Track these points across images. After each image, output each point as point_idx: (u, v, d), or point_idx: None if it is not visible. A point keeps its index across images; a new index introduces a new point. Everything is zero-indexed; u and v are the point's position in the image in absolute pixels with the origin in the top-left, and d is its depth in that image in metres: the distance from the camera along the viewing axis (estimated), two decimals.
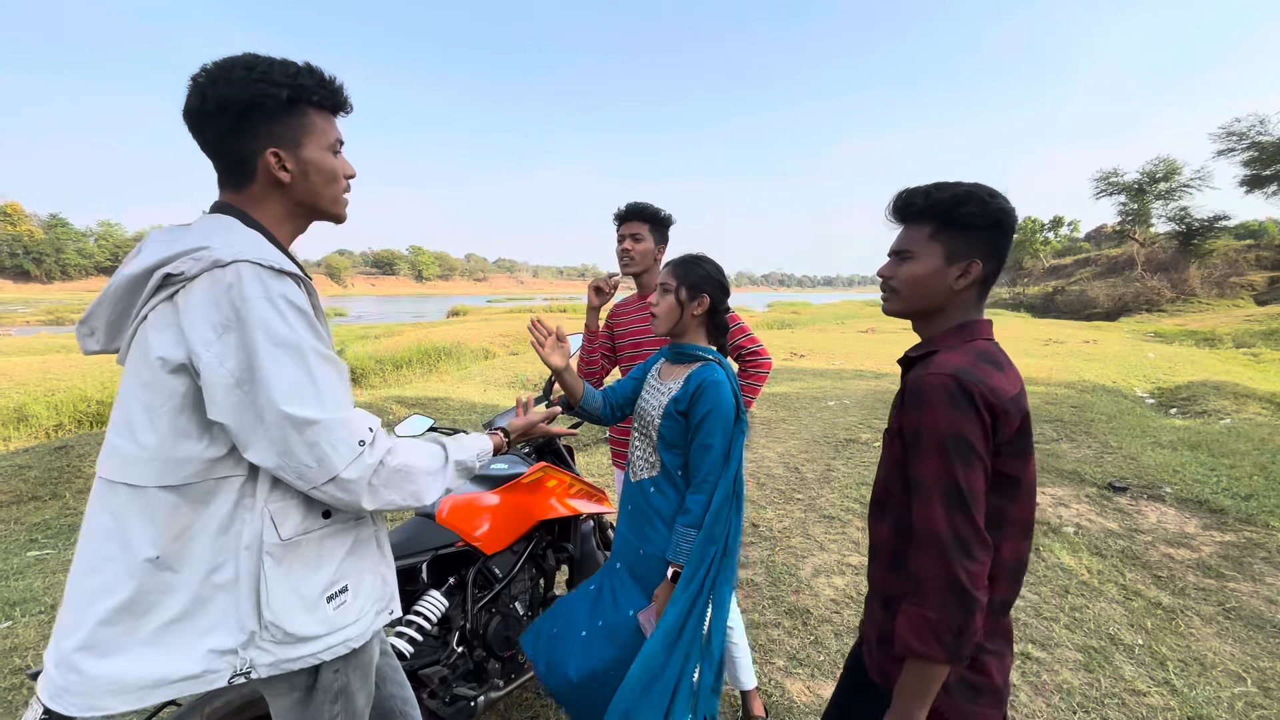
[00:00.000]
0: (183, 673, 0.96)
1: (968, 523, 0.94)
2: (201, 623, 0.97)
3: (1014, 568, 1.04)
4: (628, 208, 2.28)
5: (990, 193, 1.07)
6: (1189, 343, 17.55)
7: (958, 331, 1.09)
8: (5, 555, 3.88)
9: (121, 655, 0.93)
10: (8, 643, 2.67)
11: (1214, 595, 3.10)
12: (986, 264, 1.07)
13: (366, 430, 1.01)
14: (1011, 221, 1.07)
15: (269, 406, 0.91)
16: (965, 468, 0.95)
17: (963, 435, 0.95)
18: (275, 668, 1.02)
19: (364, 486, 1.00)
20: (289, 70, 1.02)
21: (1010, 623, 1.10)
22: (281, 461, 0.94)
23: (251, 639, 0.99)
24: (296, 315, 0.96)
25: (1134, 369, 11.16)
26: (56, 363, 11.04)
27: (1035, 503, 1.07)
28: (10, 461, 5.23)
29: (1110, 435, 5.98)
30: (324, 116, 1.09)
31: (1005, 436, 0.97)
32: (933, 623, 0.94)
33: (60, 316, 37.70)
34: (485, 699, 1.92)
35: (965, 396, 0.96)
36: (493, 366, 11.95)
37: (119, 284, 0.96)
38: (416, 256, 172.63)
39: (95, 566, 0.94)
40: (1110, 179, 38.73)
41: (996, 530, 1.00)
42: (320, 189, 1.10)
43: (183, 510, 0.95)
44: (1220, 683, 2.43)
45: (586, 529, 2.37)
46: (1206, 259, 32.92)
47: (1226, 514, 4.04)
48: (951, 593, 0.93)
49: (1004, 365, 1.04)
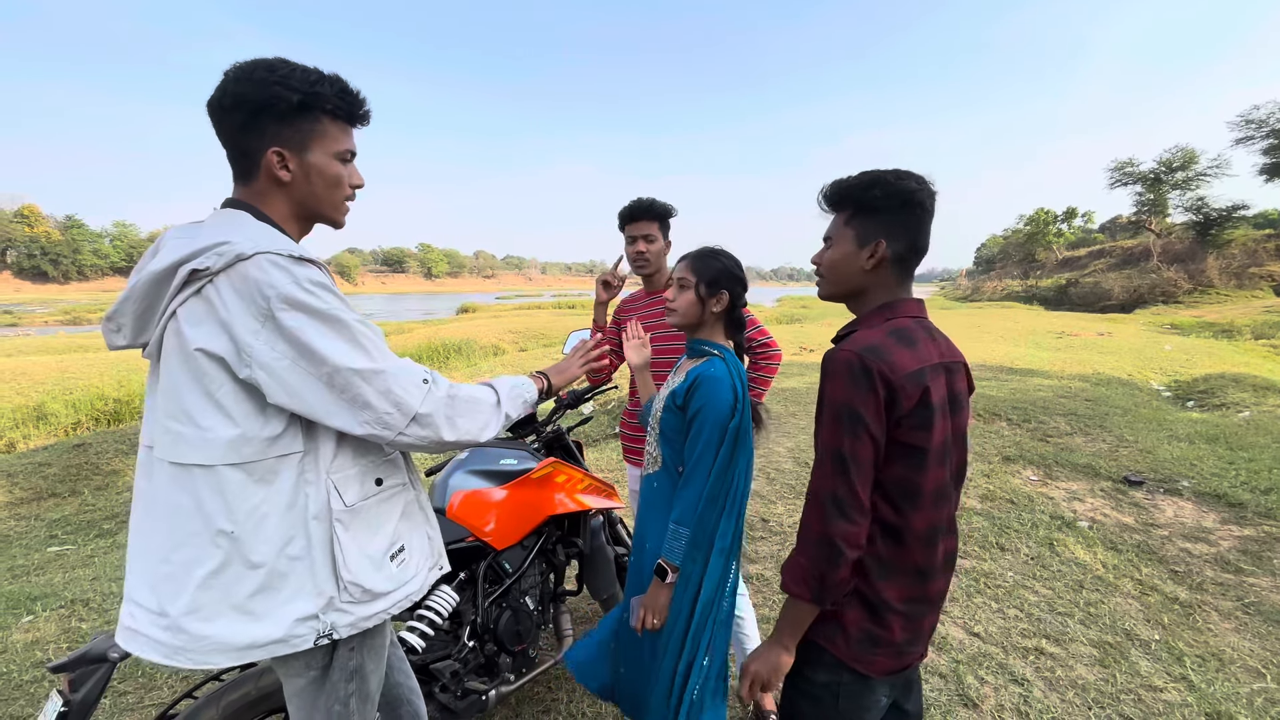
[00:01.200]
0: (270, 637, 1.03)
1: (847, 487, 1.05)
2: (283, 592, 1.03)
3: (928, 534, 1.12)
4: (635, 207, 2.22)
5: (898, 175, 1.13)
6: (1206, 334, 17.28)
7: (879, 311, 1.16)
8: (26, 551, 3.95)
9: (221, 619, 1.01)
10: (29, 636, 2.73)
11: (1233, 590, 3.05)
12: (895, 243, 1.13)
13: (424, 371, 1.11)
14: (917, 199, 1.12)
15: (336, 372, 0.99)
16: (853, 439, 1.04)
17: (854, 408, 1.04)
18: (354, 627, 1.10)
19: (442, 419, 1.10)
20: (309, 77, 1.06)
21: (936, 589, 1.17)
22: (364, 417, 1.03)
23: (330, 603, 1.07)
24: (326, 292, 1.02)
25: (1150, 361, 11.00)
26: (74, 362, 11.21)
27: (951, 471, 1.15)
28: (30, 459, 5.33)
29: (1125, 429, 5.90)
30: (338, 126, 1.12)
31: (903, 409, 1.05)
32: (803, 567, 1.09)
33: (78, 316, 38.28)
34: (497, 693, 1.93)
35: (864, 373, 1.04)
36: (502, 363, 12.00)
37: (143, 281, 0.99)
38: (426, 254, 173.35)
39: (183, 542, 1.01)
40: (1125, 169, 38.15)
41: (908, 500, 1.09)
42: (320, 193, 1.13)
43: (250, 488, 1.01)
44: (1239, 678, 2.40)
45: (596, 524, 2.37)
46: (1225, 249, 32.33)
47: (1245, 508, 3.98)
48: (821, 545, 1.06)
49: (917, 341, 1.10)
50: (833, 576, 1.06)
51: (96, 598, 3.07)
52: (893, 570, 1.12)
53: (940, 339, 1.17)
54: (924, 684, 2.32)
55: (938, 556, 1.15)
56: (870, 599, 1.12)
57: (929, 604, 1.17)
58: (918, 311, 1.17)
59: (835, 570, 1.06)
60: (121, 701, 2.29)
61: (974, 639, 2.62)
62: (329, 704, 1.17)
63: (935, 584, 1.17)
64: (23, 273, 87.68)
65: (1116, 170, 38.59)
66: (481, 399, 1.20)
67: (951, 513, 1.19)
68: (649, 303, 2.36)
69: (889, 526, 1.10)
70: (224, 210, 1.09)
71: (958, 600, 2.92)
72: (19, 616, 2.90)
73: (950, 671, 2.39)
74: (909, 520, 1.10)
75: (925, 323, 1.17)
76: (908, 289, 1.19)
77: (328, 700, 1.17)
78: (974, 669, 2.41)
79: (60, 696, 1.25)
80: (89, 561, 3.67)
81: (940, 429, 1.09)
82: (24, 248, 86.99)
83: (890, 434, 1.07)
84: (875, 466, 1.07)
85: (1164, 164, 35.92)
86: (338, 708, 1.18)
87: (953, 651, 2.52)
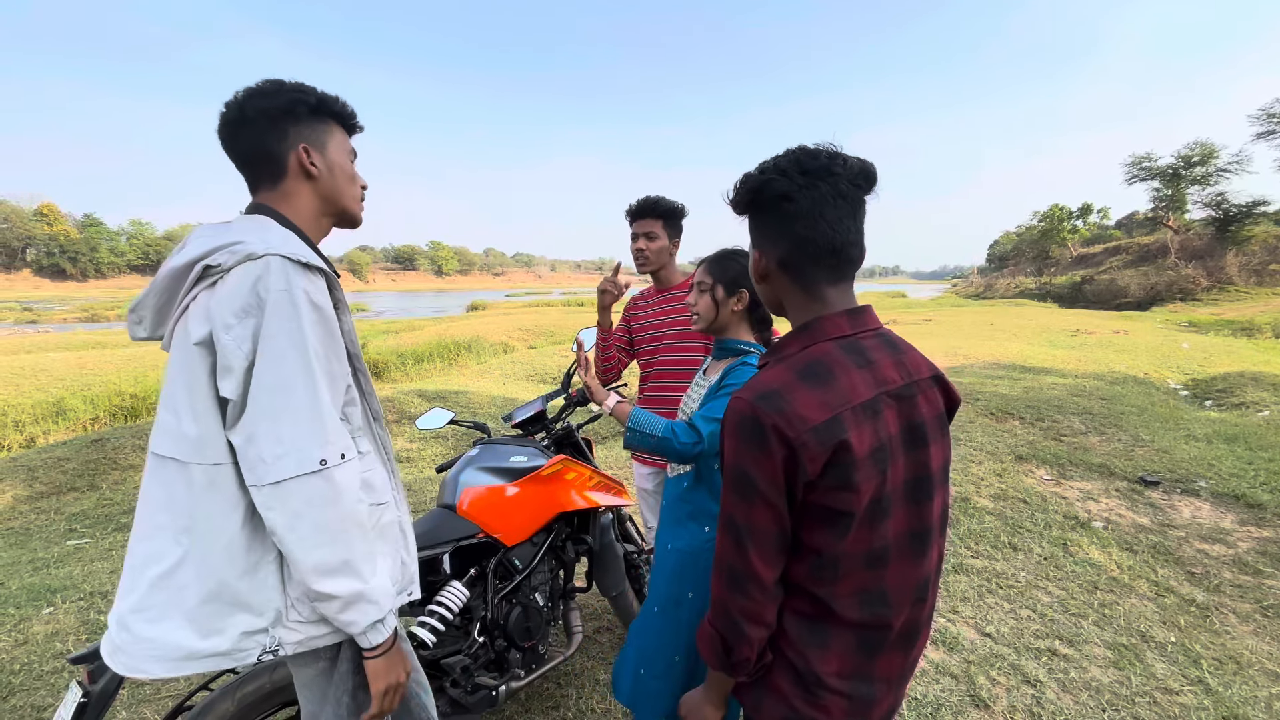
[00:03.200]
0: (215, 649, 1.01)
1: (742, 560, 0.89)
2: (232, 602, 1.02)
3: (859, 597, 0.91)
4: (639, 204, 2.24)
5: (761, 168, 0.95)
6: (1225, 332, 16.98)
7: (798, 336, 0.96)
8: (46, 544, 4.02)
9: (166, 622, 0.99)
10: (49, 627, 2.78)
11: (1251, 592, 3.00)
12: (770, 250, 0.96)
13: (337, 454, 1.00)
14: (771, 194, 0.93)
15: (254, 392, 0.97)
16: (746, 506, 0.88)
17: (745, 472, 0.87)
18: (302, 645, 1.07)
19: (286, 511, 0.97)
20: (312, 89, 1.15)
21: (888, 668, 0.96)
22: (243, 448, 0.97)
23: (279, 618, 1.04)
24: (311, 313, 1.01)
25: (1167, 360, 10.84)
26: (93, 358, 11.39)
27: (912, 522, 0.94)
28: (49, 454, 5.42)
29: (1141, 428, 5.82)
30: (341, 130, 1.21)
31: (810, 473, 0.84)
32: (710, 636, 0.96)
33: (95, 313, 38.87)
34: (506, 688, 1.95)
35: (756, 431, 0.85)
36: (512, 360, 12.04)
37: (164, 275, 1.03)
38: (436, 252, 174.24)
39: (147, 534, 1.01)
40: (1143, 163, 37.54)
41: (829, 569, 0.89)
42: (344, 187, 1.21)
43: (217, 490, 1.00)
44: (1257, 682, 2.36)
45: (605, 521, 2.38)
46: (1245, 246, 31.72)
47: (1265, 509, 3.91)
48: (725, 617, 0.93)
49: (835, 377, 0.88)
50: (739, 652, 0.92)
51: (114, 591, 3.12)
52: (823, 636, 0.92)
53: (885, 357, 0.94)
54: (935, 684, 2.31)
55: (885, 626, 0.93)
56: (800, 670, 0.92)
57: (880, 684, 0.95)
58: (847, 328, 0.94)
59: (740, 644, 0.92)
60: (139, 693, 2.33)
61: (985, 639, 2.60)
62: (338, 694, 1.18)
63: (883, 659, 0.95)
64: (42, 270, 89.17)
65: (1134, 165, 37.97)
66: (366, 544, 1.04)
67: (917, 576, 0.95)
68: (658, 300, 2.36)
69: (813, 598, 0.92)
70: (248, 215, 1.13)
71: (969, 600, 2.90)
72: (39, 608, 2.96)
73: (961, 672, 2.37)
74: (836, 590, 0.91)
75: (858, 341, 0.93)
76: (827, 300, 0.95)
77: (336, 690, 1.18)
78: (986, 669, 2.39)
79: (80, 687, 1.27)
80: (107, 555, 3.73)
81: (870, 485, 0.87)
82: (43, 246, 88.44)
83: (804, 497, 0.87)
84: (784, 534, 0.89)
85: (1183, 159, 35.29)
86: (346, 699, 1.19)
87: (964, 651, 2.50)
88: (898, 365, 0.95)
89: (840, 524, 0.88)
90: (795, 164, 0.92)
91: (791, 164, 0.92)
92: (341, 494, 1.00)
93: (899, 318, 23.24)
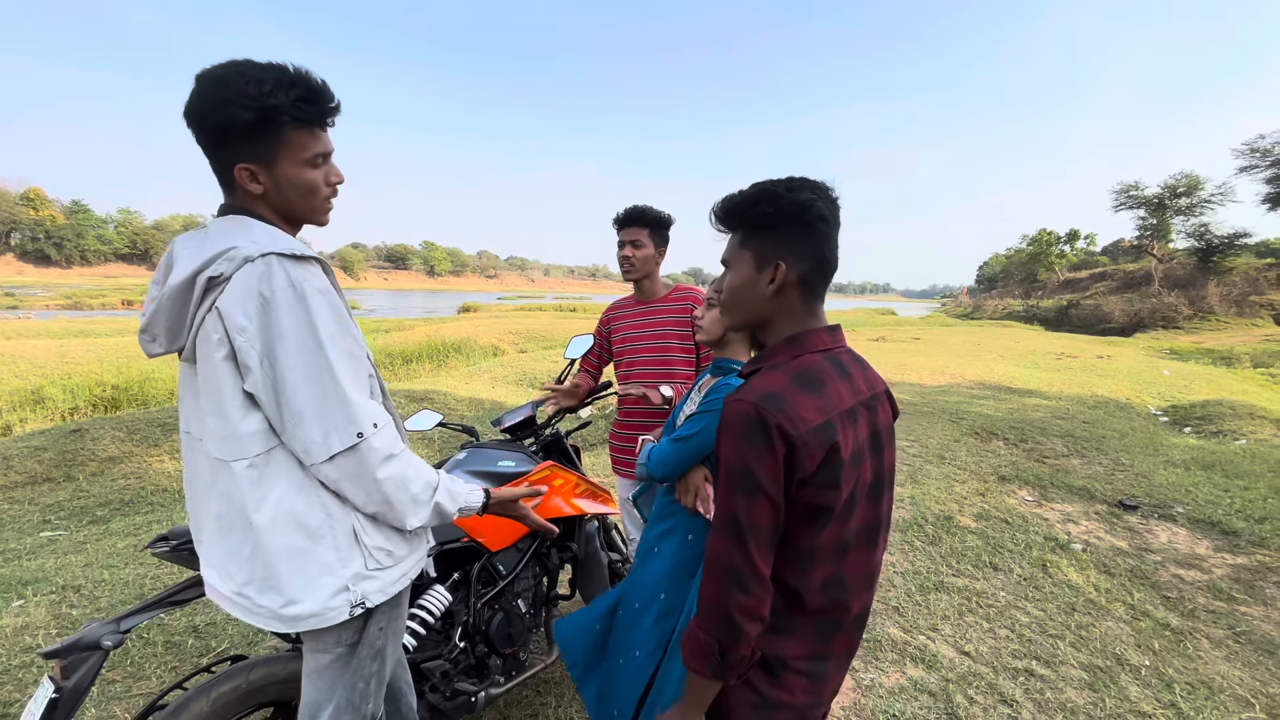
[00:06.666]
0: (309, 610, 1.10)
1: (744, 557, 0.93)
2: (312, 570, 1.09)
3: (824, 585, 1.01)
4: (626, 213, 2.27)
5: (788, 185, 1.00)
6: (1205, 361, 17.31)
7: (786, 346, 1.03)
8: (19, 535, 3.94)
9: (271, 593, 1.10)
10: (19, 621, 2.72)
11: (1224, 618, 3.05)
12: (796, 264, 1.00)
13: (370, 424, 1.07)
14: (813, 212, 0.98)
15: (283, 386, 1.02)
16: (748, 502, 0.92)
17: (749, 470, 0.91)
18: (383, 593, 1.15)
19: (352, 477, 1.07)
20: (263, 88, 1.01)
21: (841, 645, 1.07)
22: (291, 435, 1.05)
23: (359, 573, 1.12)
24: (319, 299, 1.04)
25: (1148, 385, 11.02)
26: (75, 347, 11.21)
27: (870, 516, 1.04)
28: (26, 443, 5.32)
29: (1122, 452, 5.91)
30: (304, 132, 1.08)
31: (806, 471, 0.91)
32: (702, 643, 0.96)
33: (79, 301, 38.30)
34: (486, 695, 1.93)
35: (761, 429, 0.90)
36: (501, 364, 11.99)
37: (167, 295, 1.04)
38: (429, 252, 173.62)
39: (227, 530, 1.10)
40: (1130, 192, 38.34)
41: (805, 560, 0.98)
42: (294, 200, 1.13)
43: (266, 479, 1.07)
44: (1228, 707, 2.39)
45: (591, 529, 2.38)
46: (1226, 276, 32.47)
47: (1239, 536, 3.98)
48: (721, 620, 0.94)
49: (825, 384, 0.97)
50: (734, 653, 0.95)
51: (88, 584, 3.07)
52: (789, 625, 1.02)
53: (856, 370, 1.04)
54: (913, 701, 2.32)
55: (848, 613, 1.05)
56: (767, 656, 1.01)
57: (832, 661, 1.07)
58: (829, 343, 1.04)
59: (736, 646, 0.95)
60: (110, 690, 2.28)
61: (964, 658, 2.62)
62: (353, 680, 1.21)
63: (839, 639, 1.06)
64: (26, 255, 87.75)
65: (1121, 193, 38.80)
66: (415, 480, 1.14)
67: (868, 566, 1.06)
68: (636, 311, 2.38)
69: (785, 588, 0.99)
70: (226, 216, 1.11)
71: (949, 618, 2.92)
72: (9, 601, 2.89)
73: (940, 690, 2.39)
74: (807, 580, 0.99)
75: (837, 355, 1.04)
76: (817, 315, 1.06)
77: (352, 676, 1.20)
78: (963, 688, 2.41)
79: (52, 683, 1.25)
80: (81, 548, 3.66)
81: (849, 484, 0.97)
82: (28, 231, 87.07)
83: (792, 494, 0.94)
84: (777, 530, 0.95)
85: (1168, 189, 36.11)
86: (361, 685, 1.21)
87: (943, 670, 2.52)
88: (865, 379, 1.06)
89: (820, 520, 0.96)
90: (822, 191, 1.00)
91: (820, 190, 1.00)
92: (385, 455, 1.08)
93: (888, 334, 23.45)
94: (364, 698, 1.23)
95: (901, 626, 2.83)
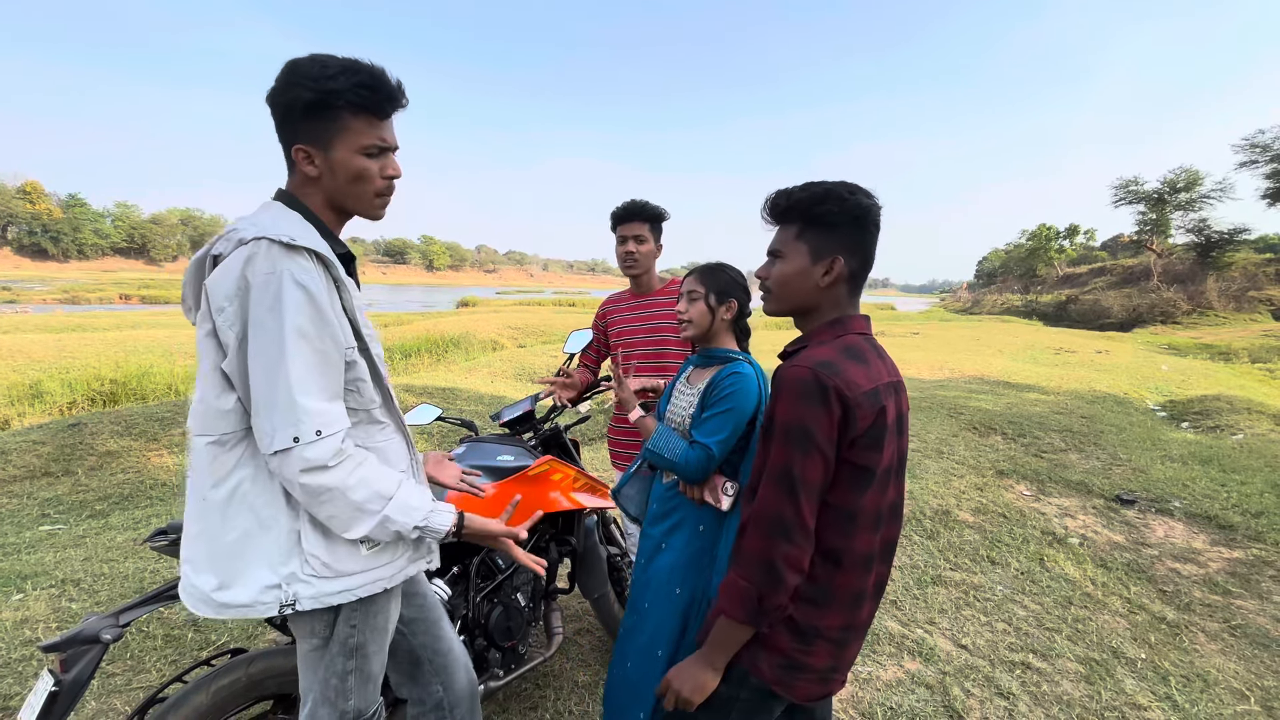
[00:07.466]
0: (239, 600, 1.08)
1: (794, 509, 1.01)
2: (252, 559, 1.08)
3: (865, 558, 1.09)
4: (626, 208, 2.26)
5: (850, 189, 1.10)
6: (1204, 356, 17.34)
7: (830, 327, 1.14)
8: (18, 529, 3.94)
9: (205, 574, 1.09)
10: (19, 614, 2.72)
11: (1220, 612, 3.07)
12: (849, 260, 1.11)
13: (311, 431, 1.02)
14: (871, 217, 1.11)
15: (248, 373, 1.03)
16: (803, 458, 1.01)
17: (806, 427, 1.00)
18: (317, 601, 1.11)
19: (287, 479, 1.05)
20: (326, 72, 1.05)
21: (866, 616, 1.15)
22: (253, 421, 1.04)
23: (294, 574, 1.09)
24: (294, 292, 1.01)
25: (1146, 380, 11.04)
26: (72, 341, 11.18)
27: (896, 494, 1.14)
28: (25, 437, 5.31)
29: (1119, 447, 5.93)
30: (363, 119, 1.11)
31: (858, 429, 1.02)
32: (742, 589, 1.04)
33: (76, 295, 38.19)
34: (485, 688, 1.94)
35: (819, 390, 1.00)
36: (500, 358, 11.98)
37: (190, 268, 1.10)
38: (428, 246, 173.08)
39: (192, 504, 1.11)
40: (1129, 187, 38.27)
41: (849, 523, 1.06)
42: (345, 188, 1.14)
43: (228, 459, 1.07)
44: (1223, 700, 2.41)
45: (590, 523, 2.38)
46: (1225, 272, 32.46)
47: (1235, 530, 4.00)
48: (763, 567, 1.03)
49: (868, 360, 1.08)
50: (772, 600, 1.03)
51: (87, 578, 3.07)
52: (829, 597, 1.08)
53: (886, 358, 1.14)
54: (910, 694, 2.34)
55: (870, 582, 1.13)
56: (802, 625, 1.08)
57: (857, 630, 1.14)
58: (865, 328, 1.15)
59: (776, 594, 1.03)
60: (110, 683, 2.29)
61: (962, 651, 2.63)
62: (326, 675, 1.20)
63: (865, 610, 1.14)
64: (23, 249, 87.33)
65: (1121, 188, 38.72)
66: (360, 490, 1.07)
67: (890, 538, 1.15)
68: (632, 304, 2.38)
69: (829, 551, 1.06)
70: (272, 201, 1.15)
71: (946, 612, 2.93)
72: (9, 595, 2.90)
73: (937, 682, 2.40)
74: (850, 543, 1.06)
75: (873, 340, 1.15)
76: (856, 305, 1.18)
77: (325, 672, 1.20)
78: (960, 681, 2.42)
79: (51, 676, 1.25)
80: (80, 542, 3.66)
81: (890, 450, 1.07)
82: (25, 224, 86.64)
83: (841, 454, 1.03)
84: (824, 487, 1.04)
85: (1168, 184, 36.06)
86: (334, 681, 1.20)
87: (940, 663, 2.53)
88: (891, 365, 1.15)
89: (863, 480, 1.05)
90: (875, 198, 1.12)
91: (874, 197, 1.12)
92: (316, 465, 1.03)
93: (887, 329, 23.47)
94: (339, 694, 1.21)
95: (899, 620, 2.85)
